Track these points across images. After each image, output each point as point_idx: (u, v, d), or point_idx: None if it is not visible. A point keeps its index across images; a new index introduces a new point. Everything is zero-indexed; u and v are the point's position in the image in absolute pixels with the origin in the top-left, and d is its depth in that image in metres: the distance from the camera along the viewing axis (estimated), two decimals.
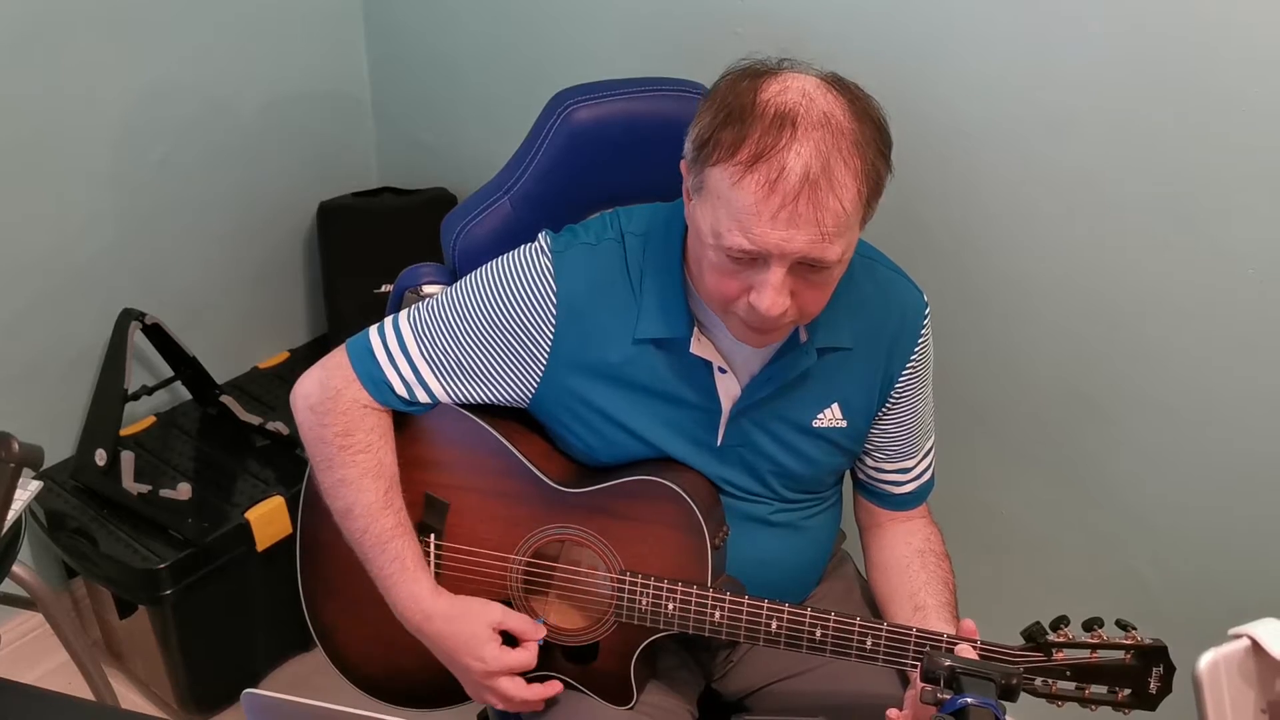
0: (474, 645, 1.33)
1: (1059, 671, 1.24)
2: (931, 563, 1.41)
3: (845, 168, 1.12)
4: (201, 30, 2.05)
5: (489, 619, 1.34)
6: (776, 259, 1.14)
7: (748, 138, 1.11)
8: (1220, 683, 0.97)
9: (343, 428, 1.34)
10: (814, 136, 1.11)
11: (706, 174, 1.15)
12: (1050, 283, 1.62)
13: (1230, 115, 1.38)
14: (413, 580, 1.34)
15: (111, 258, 2.07)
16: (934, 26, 1.56)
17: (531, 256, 1.32)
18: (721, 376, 1.33)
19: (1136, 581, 1.72)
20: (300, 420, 1.38)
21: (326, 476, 1.36)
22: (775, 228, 1.11)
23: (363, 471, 1.34)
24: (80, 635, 1.90)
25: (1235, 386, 1.52)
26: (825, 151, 1.11)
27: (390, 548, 1.34)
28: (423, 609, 1.34)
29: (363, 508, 1.33)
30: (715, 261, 1.18)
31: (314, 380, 1.37)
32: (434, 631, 1.34)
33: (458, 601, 1.35)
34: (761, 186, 1.10)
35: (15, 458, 1.17)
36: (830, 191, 1.11)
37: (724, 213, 1.14)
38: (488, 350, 1.33)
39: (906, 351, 1.37)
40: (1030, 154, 1.56)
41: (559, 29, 1.98)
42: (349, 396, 1.35)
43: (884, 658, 1.27)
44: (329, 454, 1.34)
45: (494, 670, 1.33)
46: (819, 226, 1.11)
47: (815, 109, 1.12)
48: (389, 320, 1.38)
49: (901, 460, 1.44)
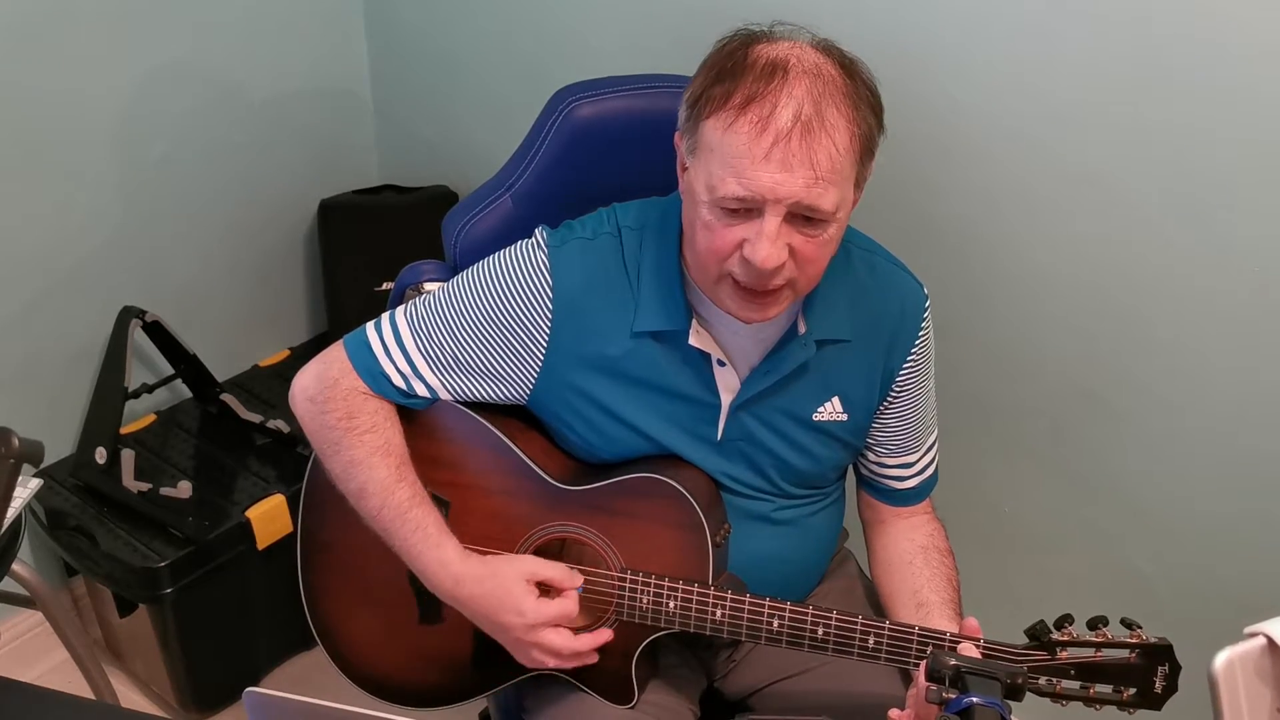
0: (511, 600, 1.28)
1: (1063, 670, 1.23)
2: (935, 559, 1.40)
3: (838, 112, 1.13)
4: (202, 27, 2.05)
5: (522, 571, 1.30)
6: (771, 204, 1.13)
7: (739, 86, 1.13)
8: (1236, 681, 0.96)
9: (345, 412, 1.33)
10: (804, 82, 1.13)
11: (700, 130, 1.16)
12: (1055, 278, 1.61)
13: (1238, 111, 1.38)
14: (437, 546, 1.31)
15: (112, 255, 2.07)
16: (939, 22, 1.56)
17: (527, 252, 1.32)
18: (720, 370, 1.32)
19: (1141, 579, 1.71)
20: (300, 413, 1.37)
21: (335, 461, 1.35)
22: (768, 169, 1.12)
23: (371, 450, 1.32)
24: (80, 634, 1.89)
25: (1241, 383, 1.52)
26: (816, 95, 1.12)
27: (410, 517, 1.31)
28: (452, 573, 1.31)
29: (376, 484, 1.32)
30: (708, 219, 1.18)
31: (311, 374, 1.37)
32: (467, 595, 1.31)
33: (488, 560, 1.32)
34: (754, 125, 1.11)
35: (15, 453, 1.16)
36: (823, 131, 1.12)
37: (717, 162, 1.14)
38: (484, 346, 1.33)
39: (907, 345, 1.37)
40: (1036, 149, 1.55)
41: (561, 26, 1.98)
42: (346, 385, 1.34)
43: (886, 656, 1.26)
44: (335, 438, 1.33)
45: (535, 623, 1.28)
46: (813, 168, 1.11)
47: (807, 60, 1.15)
48: (386, 315, 1.38)
49: (904, 455, 1.44)
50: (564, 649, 1.29)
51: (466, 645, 1.41)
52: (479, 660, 1.41)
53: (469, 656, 1.41)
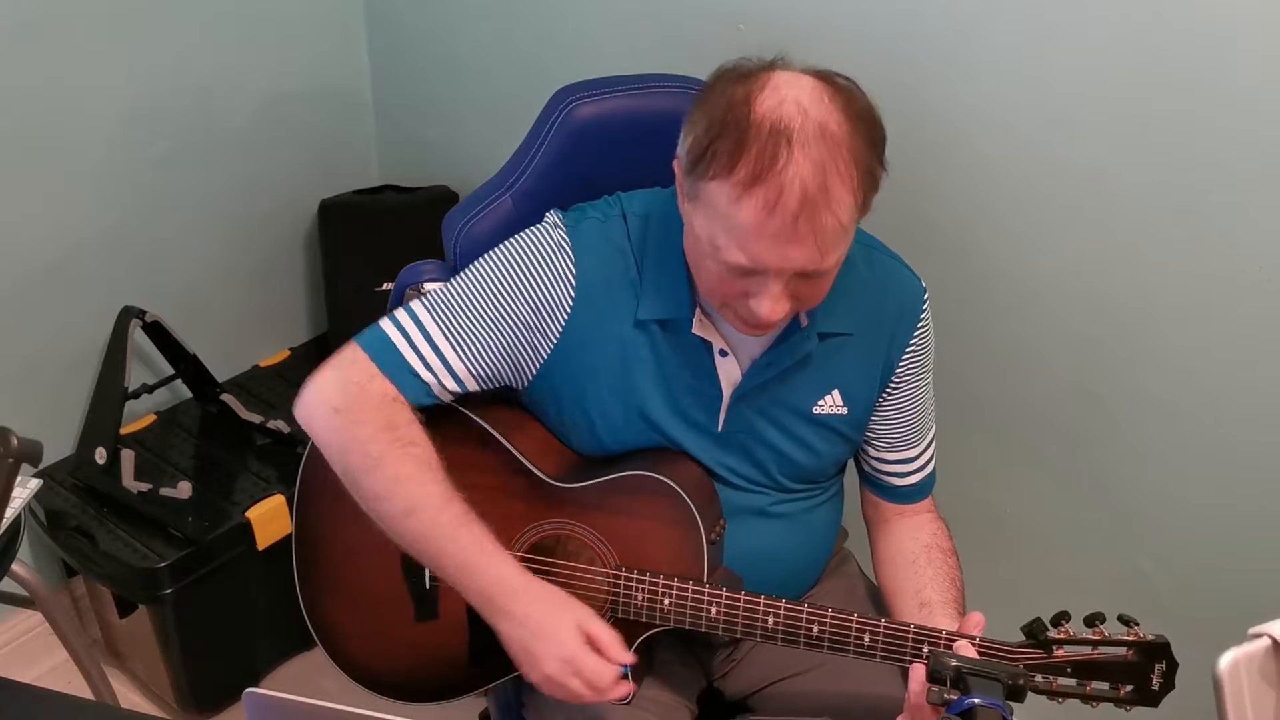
0: (560, 633, 1.23)
1: (1060, 668, 1.23)
2: (938, 558, 1.40)
3: (842, 182, 1.12)
4: (203, 26, 2.05)
5: (580, 616, 1.24)
6: (775, 273, 1.15)
7: (744, 155, 1.11)
8: (1241, 682, 0.96)
9: (384, 421, 1.26)
10: (810, 153, 1.10)
11: (703, 186, 1.15)
12: (1055, 279, 1.61)
13: (1237, 110, 1.38)
14: (500, 562, 1.25)
15: (112, 255, 2.07)
16: (938, 21, 1.56)
17: (544, 231, 1.32)
18: (722, 360, 1.32)
19: (1139, 579, 1.71)
20: (321, 426, 1.28)
21: (376, 478, 1.25)
22: (774, 247, 1.13)
23: (420, 464, 1.25)
24: (80, 634, 1.89)
25: (1240, 382, 1.52)
26: (822, 167, 1.10)
27: (467, 532, 1.25)
28: (511, 587, 1.25)
29: (427, 504, 1.25)
30: (711, 268, 1.19)
31: (330, 382, 1.28)
32: (521, 612, 1.24)
33: (547, 585, 1.27)
34: (760, 209, 1.11)
35: (14, 452, 1.16)
36: (827, 209, 1.11)
37: (721, 228, 1.15)
38: (508, 323, 1.30)
39: (906, 337, 1.37)
40: (1035, 149, 1.55)
41: (561, 25, 1.98)
42: (376, 390, 1.27)
43: (882, 654, 1.26)
44: (374, 452, 1.25)
45: (578, 655, 1.23)
46: (816, 243, 1.13)
47: (810, 121, 1.11)
48: (398, 311, 1.33)
49: (904, 450, 1.44)
50: (603, 679, 1.23)
51: (464, 640, 1.41)
52: (476, 655, 1.41)
53: (467, 651, 1.41)
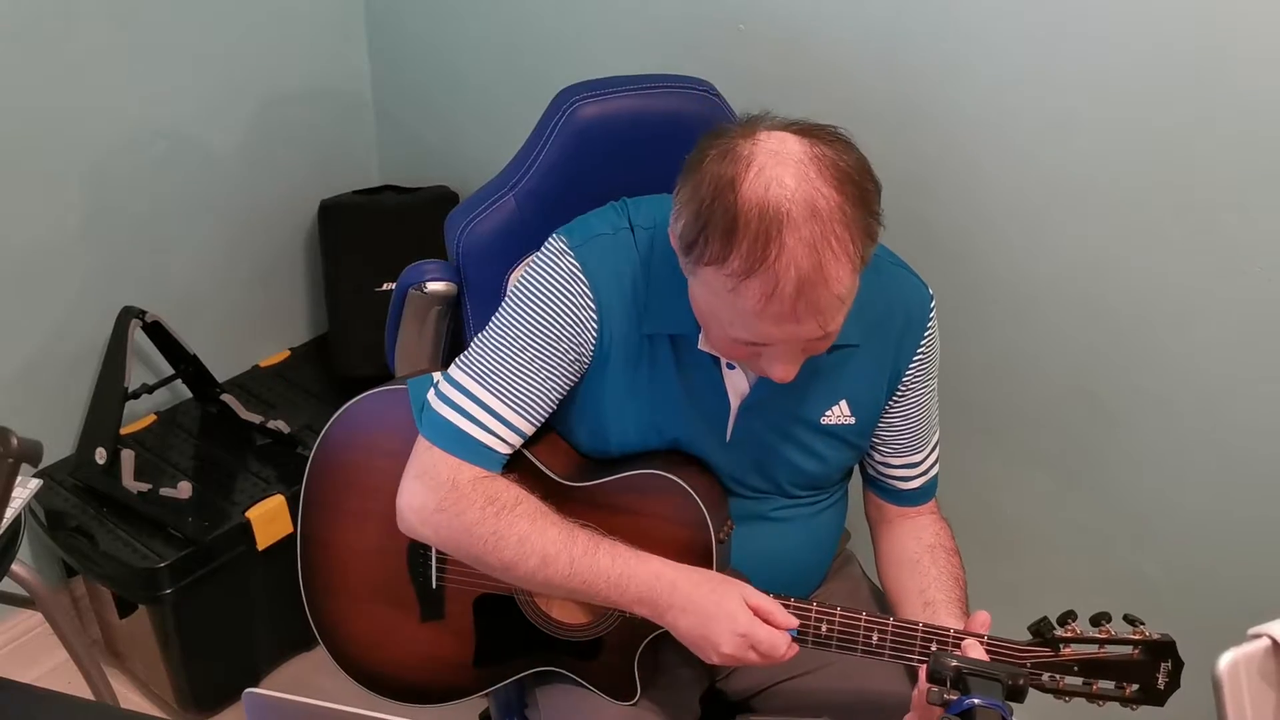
0: (730, 606, 1.24)
1: (1066, 667, 1.23)
2: (942, 558, 1.40)
3: (836, 258, 1.10)
4: (204, 27, 2.05)
5: (738, 587, 1.26)
6: (782, 345, 1.17)
7: (735, 248, 1.10)
8: (1240, 682, 0.96)
9: (483, 500, 1.27)
10: (802, 235, 1.09)
11: (699, 270, 1.15)
12: (1055, 283, 1.61)
13: (1236, 113, 1.38)
14: (645, 561, 1.27)
15: (112, 255, 2.07)
16: (938, 26, 1.56)
17: (554, 261, 1.30)
18: (730, 372, 1.32)
19: (1139, 580, 1.71)
20: (433, 530, 1.29)
21: (503, 550, 1.26)
22: (776, 326, 1.14)
23: (531, 517, 1.27)
24: (79, 634, 1.89)
25: (1241, 385, 1.51)
26: (814, 247, 1.09)
27: (603, 552, 1.26)
28: (669, 581, 1.26)
29: (557, 546, 1.26)
30: (721, 335, 1.20)
31: (420, 491, 1.29)
32: (684, 599, 1.25)
33: (696, 568, 1.28)
34: (757, 299, 1.11)
35: (14, 452, 1.15)
36: (825, 287, 1.11)
37: (723, 310, 1.16)
38: (549, 361, 1.29)
39: (913, 345, 1.37)
40: (1034, 154, 1.55)
41: (561, 26, 1.98)
42: (465, 478, 1.27)
43: (890, 653, 1.26)
44: (491, 529, 1.26)
45: (751, 628, 1.24)
46: (817, 319, 1.13)
47: (799, 200, 1.09)
48: (445, 388, 1.31)
49: (909, 454, 1.44)
50: (778, 647, 1.24)
51: (468, 642, 1.41)
52: (481, 657, 1.41)
53: (471, 653, 1.41)
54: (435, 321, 1.54)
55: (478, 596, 1.40)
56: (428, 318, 1.54)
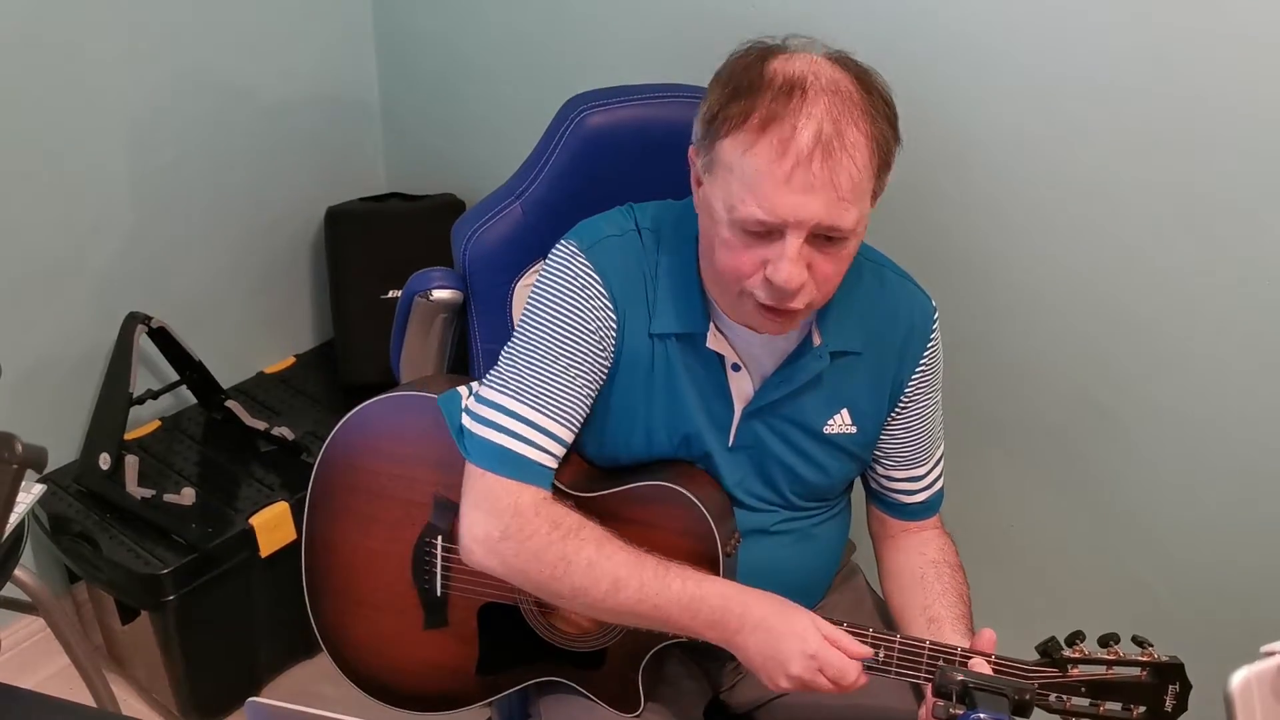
0: (800, 627, 1.22)
1: (1074, 688, 1.23)
2: (946, 574, 1.39)
3: (857, 129, 1.12)
4: (211, 34, 2.05)
5: (808, 613, 1.24)
6: (793, 227, 1.13)
7: (757, 105, 1.12)
8: (1253, 701, 0.95)
9: (547, 525, 1.24)
10: (823, 100, 1.12)
11: (717, 148, 1.16)
12: (1065, 292, 1.61)
13: (1248, 120, 1.37)
14: (714, 583, 1.24)
15: (118, 260, 2.07)
16: (947, 35, 1.56)
17: (566, 263, 1.30)
18: (735, 375, 1.32)
19: (1149, 596, 1.70)
20: (499, 560, 1.26)
21: (572, 575, 1.24)
22: (790, 192, 1.11)
23: (597, 542, 1.25)
24: (82, 640, 1.89)
25: (1253, 396, 1.51)
26: (836, 114, 1.12)
27: (673, 576, 1.24)
28: (739, 602, 1.23)
29: (626, 570, 1.23)
30: (728, 238, 1.17)
31: (480, 521, 1.26)
32: (756, 619, 1.23)
33: (764, 591, 1.26)
34: (774, 148, 1.11)
35: (19, 459, 1.15)
36: (844, 151, 1.11)
37: (737, 183, 1.14)
38: (579, 363, 1.28)
39: (916, 356, 1.37)
40: (1045, 160, 1.54)
41: (569, 35, 1.98)
42: (525, 501, 1.25)
43: (896, 671, 1.25)
44: (561, 552, 1.24)
45: (821, 651, 1.21)
46: (835, 189, 1.11)
47: (823, 76, 1.14)
48: (480, 409, 1.28)
49: (912, 468, 1.43)
50: (849, 673, 1.21)
51: (472, 650, 1.40)
52: (484, 665, 1.41)
53: (474, 661, 1.41)
54: (441, 329, 1.54)
55: (482, 605, 1.39)
56: (433, 325, 1.53)
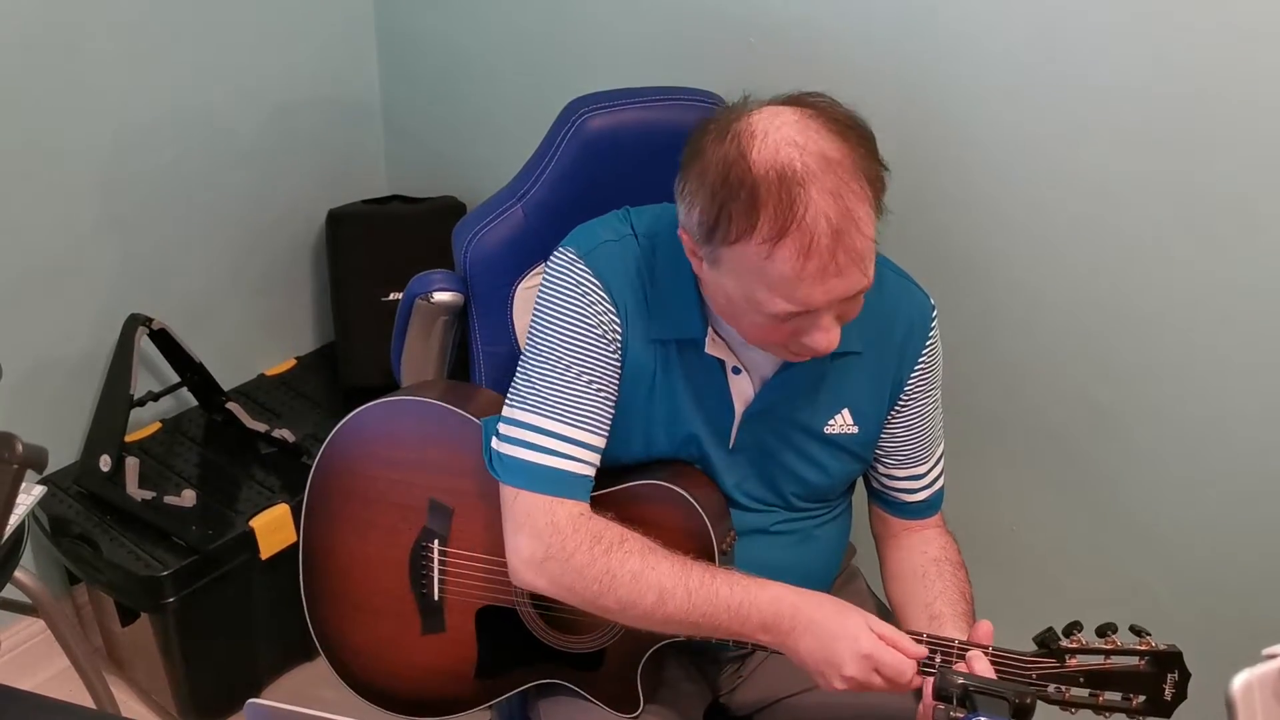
0: (852, 628, 1.22)
1: (1072, 678, 1.23)
2: (948, 572, 1.40)
3: (859, 200, 1.12)
4: (212, 36, 2.05)
5: (861, 612, 1.24)
6: (824, 308, 1.16)
7: (762, 212, 1.11)
8: (1254, 704, 0.95)
9: (589, 540, 1.25)
10: (824, 185, 1.10)
11: (724, 252, 1.15)
12: (1065, 291, 1.60)
13: (1248, 120, 1.37)
14: (764, 587, 1.24)
15: (119, 262, 2.07)
16: (948, 35, 1.56)
17: (566, 270, 1.30)
18: (735, 377, 1.32)
19: (1149, 596, 1.70)
20: (546, 580, 1.26)
21: (617, 588, 1.24)
22: (820, 284, 1.13)
23: (640, 553, 1.25)
24: (82, 642, 1.88)
25: (1253, 396, 1.51)
26: (839, 194, 1.11)
27: (719, 582, 1.24)
28: (791, 605, 1.23)
29: (672, 579, 1.23)
30: (759, 322, 1.19)
31: (525, 543, 1.26)
32: (808, 621, 1.23)
33: (815, 592, 1.26)
34: (793, 254, 1.11)
35: (19, 459, 1.15)
36: (857, 232, 1.12)
37: (759, 285, 1.15)
38: (593, 368, 1.29)
39: (915, 354, 1.37)
40: (1045, 160, 1.54)
41: (571, 38, 1.98)
42: (563, 517, 1.26)
43: None
44: (605, 566, 1.24)
45: (876, 651, 1.21)
46: (857, 263, 1.13)
47: (811, 154, 1.11)
48: (506, 428, 1.29)
49: (913, 466, 1.43)
50: (905, 671, 1.21)
51: (470, 654, 1.40)
52: (483, 669, 1.41)
53: (472, 665, 1.41)
54: (442, 332, 1.54)
55: (480, 608, 1.39)
56: (434, 328, 1.54)
